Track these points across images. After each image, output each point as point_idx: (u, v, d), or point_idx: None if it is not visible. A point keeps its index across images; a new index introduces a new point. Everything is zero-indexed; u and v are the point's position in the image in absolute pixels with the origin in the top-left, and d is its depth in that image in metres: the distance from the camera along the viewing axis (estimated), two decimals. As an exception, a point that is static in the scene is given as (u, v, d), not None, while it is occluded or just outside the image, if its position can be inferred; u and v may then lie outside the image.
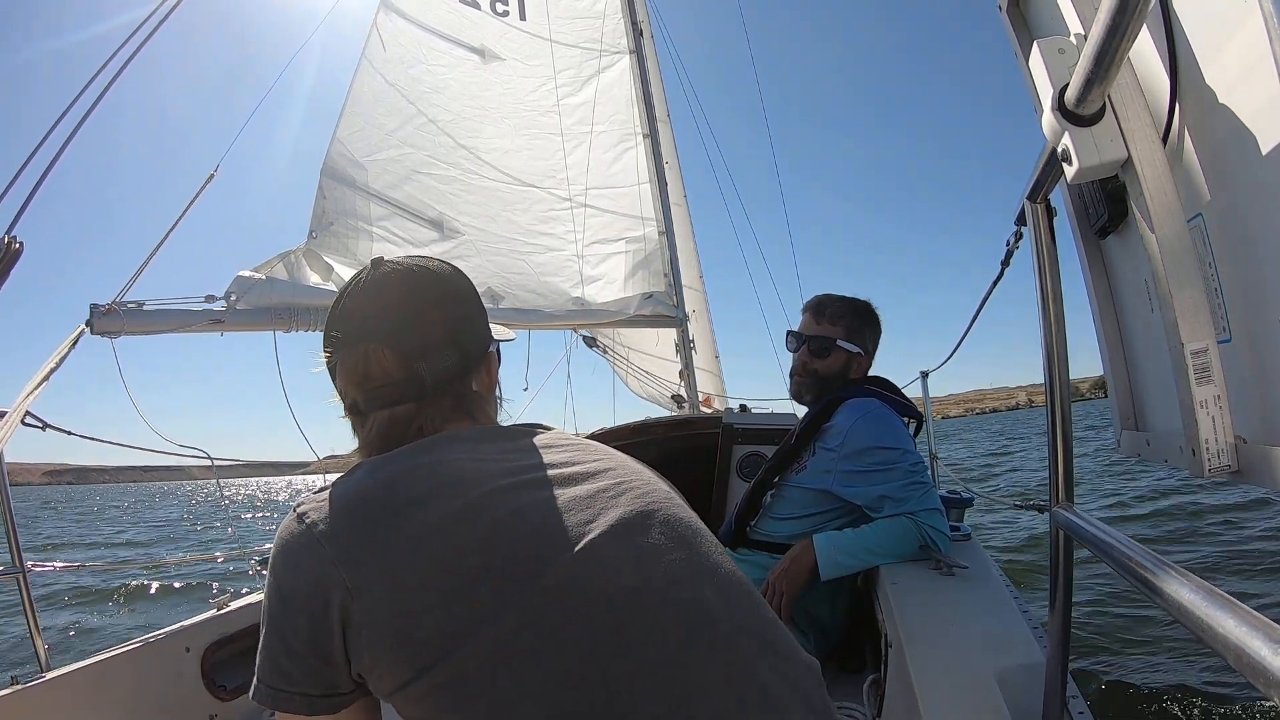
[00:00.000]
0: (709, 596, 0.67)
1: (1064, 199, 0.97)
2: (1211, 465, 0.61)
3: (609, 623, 0.61)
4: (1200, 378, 0.61)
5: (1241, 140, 0.57)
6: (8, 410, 1.65)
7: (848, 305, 1.91)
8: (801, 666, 0.70)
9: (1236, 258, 0.62)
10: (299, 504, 0.68)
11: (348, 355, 0.77)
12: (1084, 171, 0.64)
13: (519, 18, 3.98)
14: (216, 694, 1.82)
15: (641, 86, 4.25)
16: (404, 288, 0.79)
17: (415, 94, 3.55)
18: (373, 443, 0.77)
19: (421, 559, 0.61)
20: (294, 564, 0.64)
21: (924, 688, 1.04)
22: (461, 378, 0.80)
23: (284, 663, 0.63)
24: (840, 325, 1.88)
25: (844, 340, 1.86)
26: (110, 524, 17.53)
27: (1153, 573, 0.52)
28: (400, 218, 3.37)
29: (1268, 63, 0.51)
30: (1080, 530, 0.73)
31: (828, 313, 1.90)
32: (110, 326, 2.32)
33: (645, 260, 4.07)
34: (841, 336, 1.86)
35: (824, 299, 1.93)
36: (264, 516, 20.16)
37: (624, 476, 0.74)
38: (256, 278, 2.69)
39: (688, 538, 0.71)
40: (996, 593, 1.35)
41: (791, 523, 1.74)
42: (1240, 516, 6.00)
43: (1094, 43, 0.52)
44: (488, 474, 0.69)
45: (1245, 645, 0.37)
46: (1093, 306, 0.96)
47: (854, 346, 1.86)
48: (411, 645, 0.59)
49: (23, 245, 1.57)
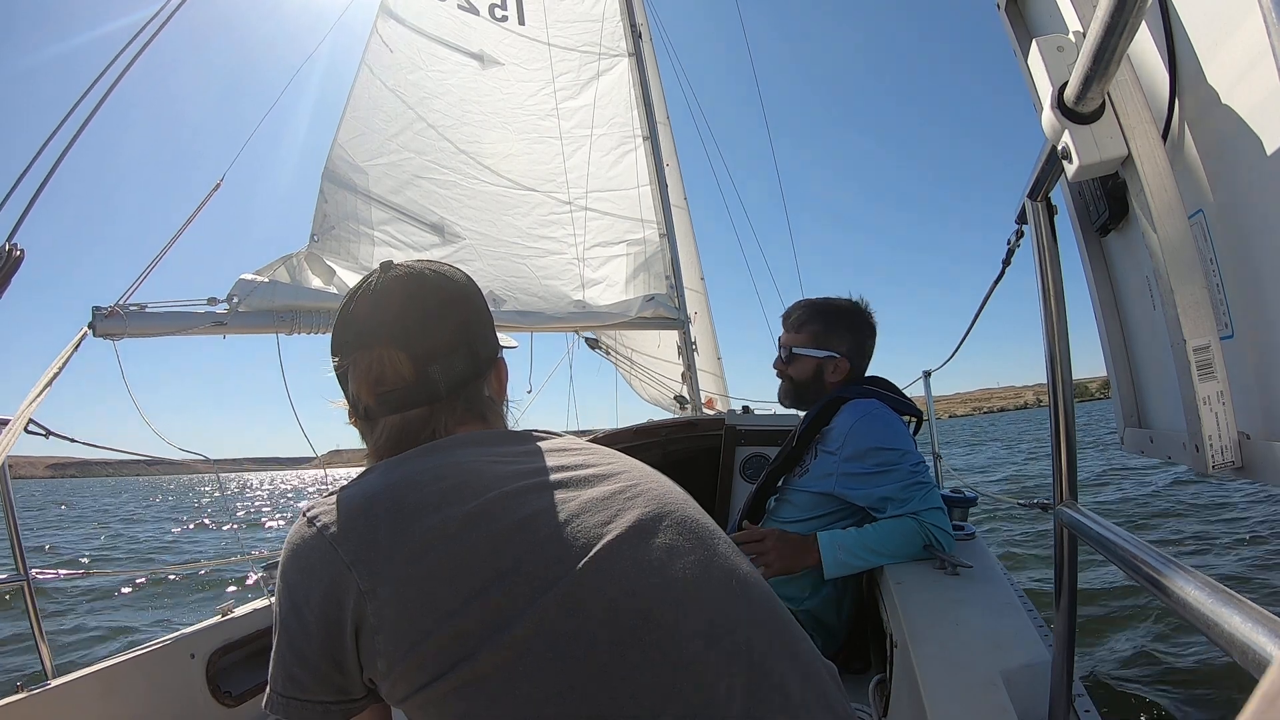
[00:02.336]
0: (728, 598, 0.67)
1: (1065, 197, 0.97)
2: (1215, 461, 0.61)
3: (629, 625, 0.60)
4: (1203, 374, 0.61)
5: (1242, 136, 0.57)
6: (10, 418, 1.65)
7: (813, 311, 1.90)
8: (820, 668, 0.70)
9: (1238, 253, 0.62)
10: (309, 507, 0.67)
11: (360, 359, 0.76)
12: (1084, 169, 0.64)
13: (517, 22, 3.99)
14: (222, 700, 1.82)
15: (641, 89, 4.25)
16: (416, 291, 0.78)
17: (415, 99, 3.56)
18: (383, 448, 0.76)
19: (437, 561, 0.60)
20: (306, 568, 0.63)
21: (929, 687, 1.03)
22: (474, 382, 0.80)
23: (297, 671, 0.62)
24: (804, 332, 1.88)
25: (805, 348, 1.86)
26: (135, 525, 17.48)
27: (1157, 570, 0.52)
28: (401, 222, 3.38)
29: (1267, 59, 0.51)
30: (1084, 528, 0.73)
31: (792, 319, 1.91)
32: (113, 329, 2.32)
33: (646, 262, 4.07)
34: (805, 344, 1.86)
35: (792, 306, 1.94)
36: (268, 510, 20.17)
37: (638, 479, 0.74)
38: (259, 280, 2.69)
39: (705, 540, 0.71)
40: (1001, 591, 1.35)
41: (795, 526, 1.74)
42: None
43: (1093, 40, 0.52)
44: (503, 476, 0.68)
45: (1251, 641, 0.37)
46: (1094, 304, 0.96)
47: (820, 352, 1.85)
48: (427, 649, 0.58)
49: (24, 253, 1.58)
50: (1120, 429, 0.93)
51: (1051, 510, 0.89)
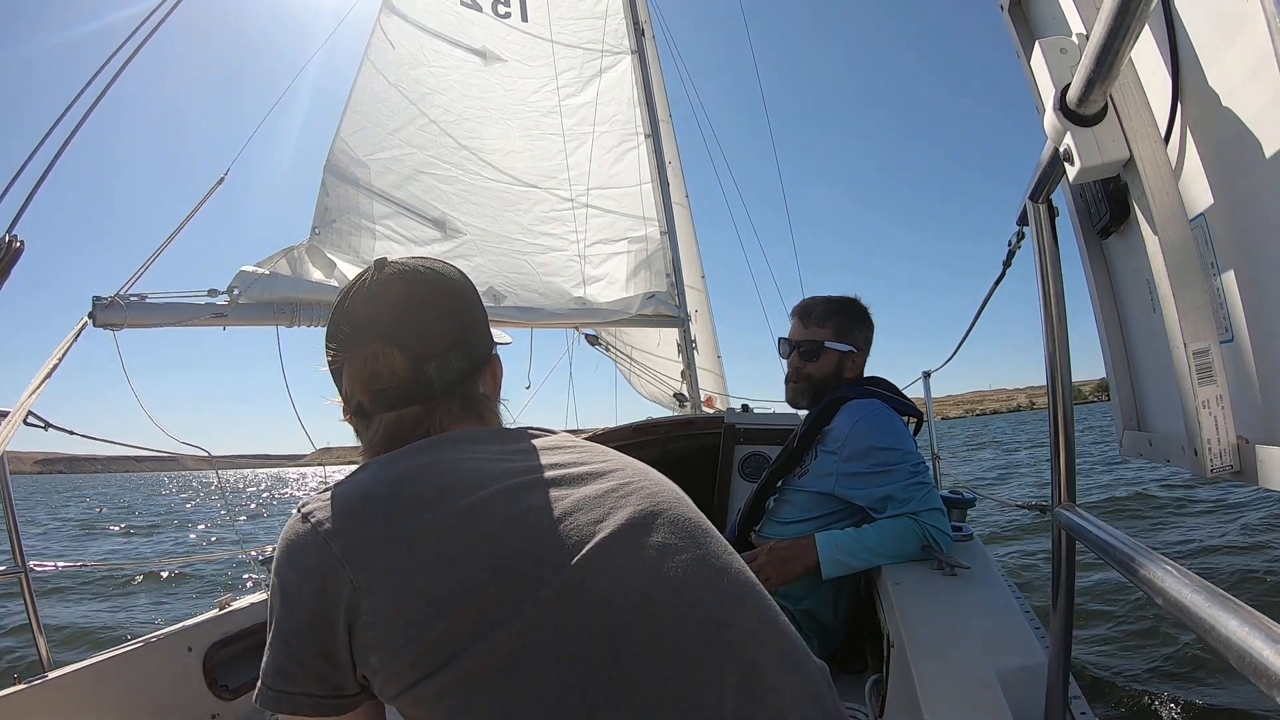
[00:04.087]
0: (721, 597, 0.67)
1: (1066, 199, 0.97)
2: (1214, 465, 0.61)
3: (621, 622, 0.60)
4: (1202, 378, 0.61)
5: (1244, 140, 0.57)
6: (10, 410, 1.65)
7: (834, 305, 1.90)
8: (813, 669, 0.70)
9: (1238, 257, 0.62)
10: (303, 504, 0.67)
11: (354, 356, 0.76)
12: (1086, 171, 0.64)
13: (520, 19, 3.98)
14: (219, 694, 1.82)
15: (643, 87, 4.25)
16: (411, 289, 0.78)
17: (417, 95, 3.56)
18: (378, 445, 0.76)
19: (431, 557, 0.60)
20: (299, 563, 0.63)
21: (926, 688, 1.04)
22: (469, 379, 0.79)
23: (286, 664, 0.62)
24: (828, 326, 1.87)
25: (833, 341, 1.86)
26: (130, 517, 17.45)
27: (1154, 573, 0.52)
28: (403, 216, 3.38)
29: (1270, 63, 0.51)
30: (1082, 530, 0.73)
31: (814, 315, 1.90)
32: (113, 319, 2.32)
33: (647, 260, 4.07)
34: (830, 338, 1.86)
35: (809, 302, 1.93)
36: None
37: (632, 477, 0.74)
38: (259, 273, 2.69)
39: (697, 538, 0.71)
40: (999, 593, 1.35)
41: (795, 526, 1.74)
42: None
43: (1096, 42, 0.52)
44: (497, 473, 0.68)
45: (1247, 646, 0.37)
46: (1094, 306, 0.96)
47: (844, 346, 1.86)
48: (420, 645, 0.58)
49: (24, 244, 1.57)
50: (1119, 432, 0.93)
51: (1050, 512, 0.89)
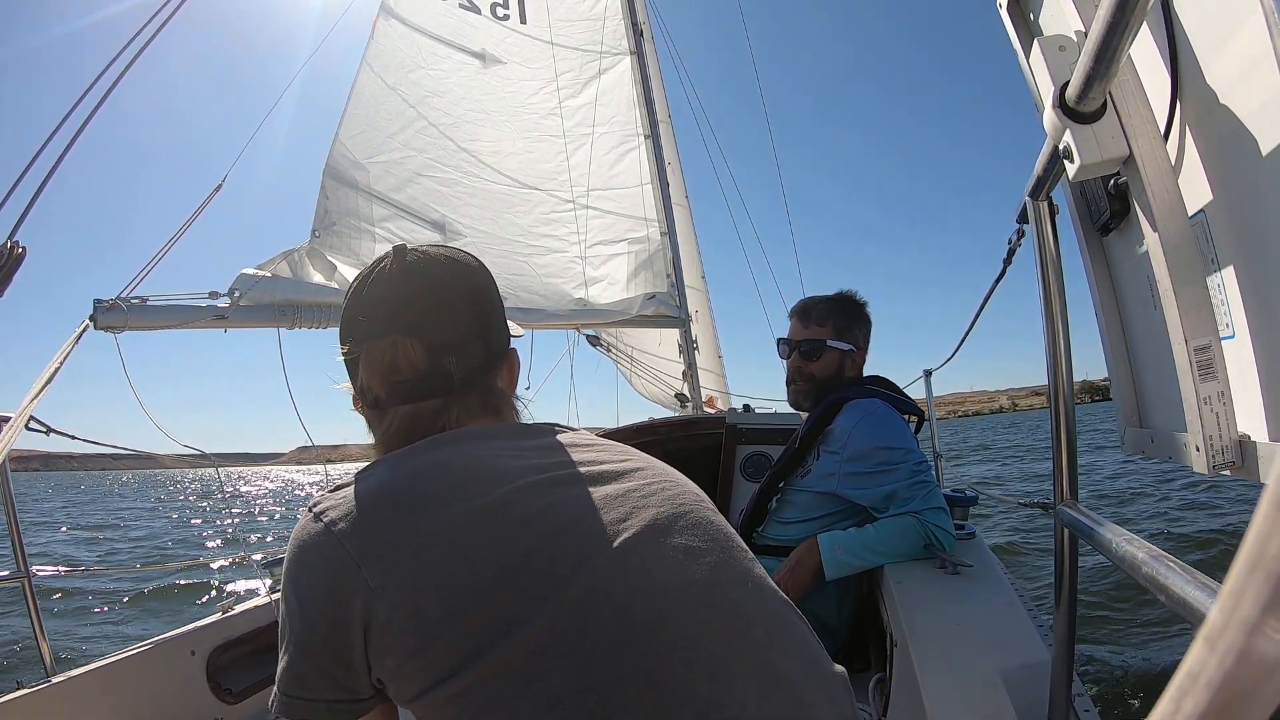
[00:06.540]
0: (744, 601, 0.65)
1: (1066, 196, 0.97)
2: (1215, 462, 0.61)
3: (643, 625, 0.59)
4: (1203, 374, 0.61)
5: (1243, 137, 0.57)
6: (11, 415, 1.65)
7: (833, 304, 1.90)
8: (832, 673, 0.69)
9: (1239, 253, 0.62)
10: (315, 503, 0.65)
11: (373, 346, 0.73)
12: (1086, 169, 0.64)
13: (519, 21, 3.99)
14: (222, 697, 1.82)
15: (642, 88, 4.25)
16: (433, 278, 0.75)
17: (416, 98, 3.56)
18: (392, 439, 0.73)
19: (446, 558, 0.58)
20: (312, 565, 0.61)
21: (929, 687, 1.03)
22: (488, 373, 0.77)
23: (303, 670, 0.60)
24: (828, 325, 1.87)
25: (833, 340, 1.86)
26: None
27: (1157, 569, 0.52)
28: (402, 219, 3.38)
29: (1269, 60, 0.51)
30: (1085, 528, 0.73)
31: (814, 314, 1.90)
32: (114, 321, 2.32)
33: (648, 261, 4.07)
34: (830, 336, 1.86)
35: (808, 301, 1.93)
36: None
37: (654, 477, 0.72)
38: (260, 275, 2.69)
39: (721, 541, 0.69)
40: (1001, 591, 1.35)
41: (798, 526, 1.74)
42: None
43: (1095, 40, 0.52)
44: (515, 470, 0.66)
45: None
46: (1095, 303, 0.96)
47: (845, 344, 1.86)
48: (438, 648, 0.56)
49: (25, 250, 1.57)
50: (1121, 429, 0.93)
51: (1052, 510, 0.89)
